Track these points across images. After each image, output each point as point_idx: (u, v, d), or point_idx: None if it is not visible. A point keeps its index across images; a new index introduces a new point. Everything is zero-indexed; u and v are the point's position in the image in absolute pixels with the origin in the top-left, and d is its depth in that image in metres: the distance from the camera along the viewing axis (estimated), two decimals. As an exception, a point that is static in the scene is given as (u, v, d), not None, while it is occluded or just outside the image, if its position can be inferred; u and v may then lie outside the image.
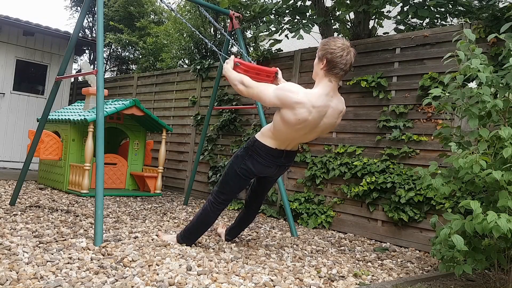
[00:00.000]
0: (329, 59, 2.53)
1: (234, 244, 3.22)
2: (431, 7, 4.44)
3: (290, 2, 4.96)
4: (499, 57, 3.04)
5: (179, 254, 2.70)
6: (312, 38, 5.31)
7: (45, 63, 7.78)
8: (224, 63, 2.89)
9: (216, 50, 3.98)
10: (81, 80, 8.81)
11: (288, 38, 5.37)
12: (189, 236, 2.98)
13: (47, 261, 2.33)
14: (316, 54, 2.64)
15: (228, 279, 2.31)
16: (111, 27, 9.59)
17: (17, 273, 2.12)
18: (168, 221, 3.94)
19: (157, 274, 2.26)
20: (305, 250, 3.30)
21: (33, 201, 4.36)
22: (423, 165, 3.77)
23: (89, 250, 2.63)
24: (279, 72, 3.00)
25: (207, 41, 4.12)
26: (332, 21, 5.42)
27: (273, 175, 2.93)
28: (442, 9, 4.65)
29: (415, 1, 4.52)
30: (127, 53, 10.60)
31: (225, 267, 2.55)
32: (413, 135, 3.92)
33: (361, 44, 4.46)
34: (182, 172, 6.41)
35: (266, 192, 3.15)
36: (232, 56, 2.89)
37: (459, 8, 4.65)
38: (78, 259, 2.42)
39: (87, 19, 10.58)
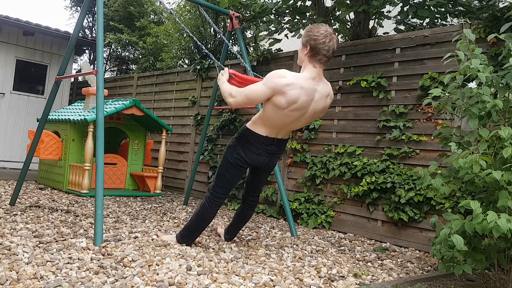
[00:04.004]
0: (312, 46, 2.60)
1: (234, 244, 3.22)
2: (431, 7, 4.44)
3: (290, 2, 4.96)
4: (499, 57, 3.04)
5: (179, 254, 2.70)
6: (312, 38, 5.30)
7: (45, 63, 7.78)
8: (219, 73, 2.95)
9: (213, 58, 4.00)
10: (81, 80, 8.81)
11: (288, 38, 5.37)
12: (188, 235, 2.98)
13: (47, 261, 2.33)
14: (301, 40, 2.72)
15: (228, 279, 2.31)
16: (111, 27, 9.59)
17: (17, 273, 2.12)
18: (168, 221, 3.94)
19: (157, 274, 2.26)
20: (305, 250, 3.30)
21: (33, 201, 4.36)
22: (423, 165, 3.77)
23: (89, 250, 2.63)
24: None
25: (203, 47, 4.14)
26: (332, 21, 5.42)
27: (266, 164, 2.93)
28: (442, 9, 4.65)
29: (415, 1, 4.52)
30: (127, 53, 10.60)
31: (225, 267, 2.55)
32: (413, 135, 3.92)
33: (361, 44, 4.46)
34: (182, 172, 6.42)
35: (261, 185, 3.16)
36: (227, 68, 2.95)
37: (459, 8, 4.65)
38: (78, 259, 2.42)
39: (87, 19, 10.58)
